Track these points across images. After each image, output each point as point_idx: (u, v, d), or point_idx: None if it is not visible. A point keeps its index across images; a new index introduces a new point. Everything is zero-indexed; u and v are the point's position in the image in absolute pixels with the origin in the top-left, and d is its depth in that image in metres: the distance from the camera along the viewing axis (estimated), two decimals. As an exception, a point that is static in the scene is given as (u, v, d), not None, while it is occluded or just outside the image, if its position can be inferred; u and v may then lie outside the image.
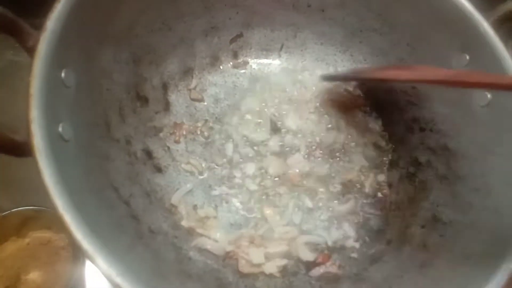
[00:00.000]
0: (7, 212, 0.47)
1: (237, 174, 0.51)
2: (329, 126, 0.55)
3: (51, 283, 0.47)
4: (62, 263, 0.48)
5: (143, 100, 0.48)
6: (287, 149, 0.53)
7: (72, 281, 0.45)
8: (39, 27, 0.34)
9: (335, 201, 0.51)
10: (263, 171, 0.51)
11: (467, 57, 0.44)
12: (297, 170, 0.51)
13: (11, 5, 0.34)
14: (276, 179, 0.51)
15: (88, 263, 0.47)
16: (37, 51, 0.32)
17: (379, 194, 0.51)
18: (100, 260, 0.28)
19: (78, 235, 0.28)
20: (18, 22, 0.34)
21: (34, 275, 0.48)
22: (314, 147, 0.53)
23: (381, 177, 0.52)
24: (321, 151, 0.53)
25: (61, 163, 0.30)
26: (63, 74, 0.34)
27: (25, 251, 0.49)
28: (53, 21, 0.34)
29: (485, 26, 0.43)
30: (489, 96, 0.43)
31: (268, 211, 0.49)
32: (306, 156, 0.53)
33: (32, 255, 0.49)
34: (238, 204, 0.49)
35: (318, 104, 0.56)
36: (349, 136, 0.55)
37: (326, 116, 0.55)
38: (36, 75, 0.31)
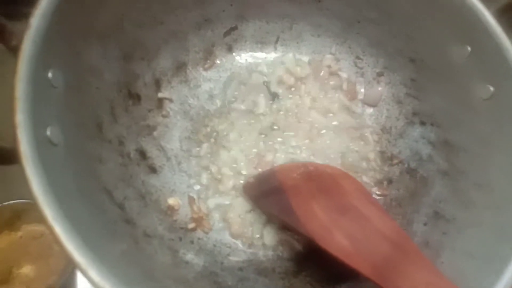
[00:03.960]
0: (-1, 205, 0.46)
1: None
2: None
3: (44, 277, 0.47)
4: (55, 257, 0.48)
5: (135, 98, 0.47)
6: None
7: (66, 275, 0.45)
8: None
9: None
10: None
11: (469, 49, 0.43)
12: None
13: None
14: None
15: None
16: (21, 50, 0.30)
17: (377, 192, 0.50)
18: (93, 272, 0.26)
19: (69, 246, 0.27)
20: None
21: (26, 269, 0.48)
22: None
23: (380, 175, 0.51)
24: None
25: (49, 170, 0.28)
26: (50, 74, 0.32)
27: (17, 245, 0.48)
28: (37, 18, 0.31)
29: (487, 15, 0.41)
30: (492, 89, 0.41)
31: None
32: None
33: (25, 249, 0.48)
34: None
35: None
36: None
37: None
38: (21, 76, 0.29)
